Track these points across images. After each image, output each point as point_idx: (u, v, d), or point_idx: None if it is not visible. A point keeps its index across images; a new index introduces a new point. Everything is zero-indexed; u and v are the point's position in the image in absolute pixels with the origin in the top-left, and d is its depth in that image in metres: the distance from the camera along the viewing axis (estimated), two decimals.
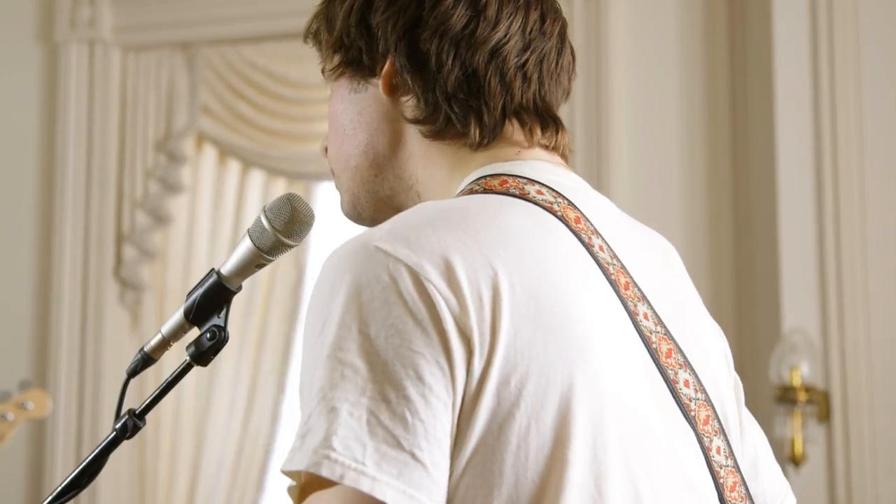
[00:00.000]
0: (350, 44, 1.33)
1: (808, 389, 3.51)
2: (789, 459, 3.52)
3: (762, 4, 3.83)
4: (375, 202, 1.37)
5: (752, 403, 4.08)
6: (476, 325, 1.08)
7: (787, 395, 3.51)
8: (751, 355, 3.82)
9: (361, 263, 1.10)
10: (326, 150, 1.43)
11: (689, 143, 3.97)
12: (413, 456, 1.04)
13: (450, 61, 1.28)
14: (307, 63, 2.59)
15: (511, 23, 1.29)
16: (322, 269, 1.14)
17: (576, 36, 4.01)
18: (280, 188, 4.38)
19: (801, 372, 3.51)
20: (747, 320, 3.85)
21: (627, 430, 1.14)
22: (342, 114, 1.36)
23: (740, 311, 3.86)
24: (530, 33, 1.31)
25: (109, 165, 4.47)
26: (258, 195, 4.43)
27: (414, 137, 1.32)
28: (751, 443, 1.33)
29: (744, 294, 3.87)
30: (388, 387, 1.05)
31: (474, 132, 1.29)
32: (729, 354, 1.38)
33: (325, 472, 1.02)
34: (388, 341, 1.06)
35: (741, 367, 4.12)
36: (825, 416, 3.56)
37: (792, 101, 3.69)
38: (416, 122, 1.31)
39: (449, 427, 1.07)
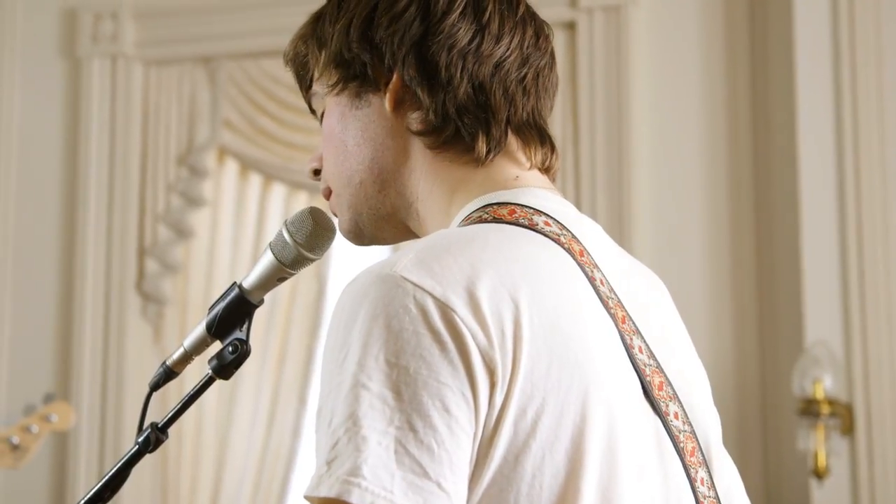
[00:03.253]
0: (352, 59, 1.33)
1: (831, 402, 3.50)
2: (813, 473, 3.51)
3: (783, 14, 3.83)
4: (377, 220, 1.37)
5: (775, 416, 4.08)
6: (500, 357, 1.09)
7: (810, 408, 3.49)
8: (773, 368, 3.81)
9: (387, 293, 1.10)
10: (316, 172, 1.43)
11: (710, 155, 3.96)
12: (439, 485, 1.05)
13: (458, 74, 1.29)
14: None
15: (512, 38, 1.32)
16: (342, 297, 1.14)
17: (597, 47, 4.01)
18: (301, 202, 4.39)
19: (824, 385, 3.50)
20: (770, 333, 3.84)
21: (630, 460, 1.16)
22: (343, 131, 1.36)
23: (763, 324, 3.85)
24: (527, 48, 1.33)
25: (132, 179, 4.49)
26: (280, 209, 4.44)
27: (418, 152, 1.33)
28: (726, 482, 1.33)
29: (766, 307, 3.85)
30: (415, 416, 1.06)
31: (481, 145, 1.30)
32: (709, 388, 1.39)
33: (355, 499, 1.03)
34: (416, 372, 1.07)
35: (763, 381, 4.12)
36: (848, 428, 3.55)
37: (814, 112, 3.69)
38: (422, 133, 1.31)
39: (469, 457, 1.09)
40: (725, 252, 3.91)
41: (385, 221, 1.37)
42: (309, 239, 1.37)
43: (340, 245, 1.43)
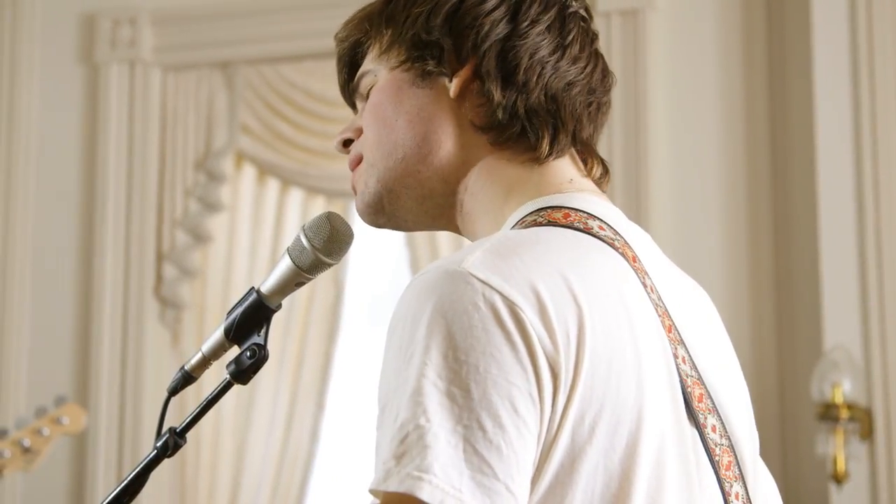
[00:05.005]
0: (430, 42, 1.33)
1: (850, 406, 3.49)
2: (832, 477, 3.50)
3: (801, 17, 3.82)
4: (405, 199, 1.36)
5: (794, 421, 4.07)
6: (563, 362, 1.09)
7: (829, 413, 3.48)
8: (792, 373, 3.80)
9: (455, 289, 1.10)
10: (345, 142, 1.42)
11: (728, 159, 3.95)
12: (507, 487, 1.05)
13: (534, 79, 1.30)
14: None
15: (586, 65, 1.34)
16: (407, 292, 1.13)
17: (614, 51, 4.00)
18: (319, 206, 4.40)
19: (843, 389, 3.49)
20: (788, 337, 3.83)
21: (676, 470, 1.17)
22: (396, 104, 1.35)
23: (781, 329, 3.84)
24: (595, 81, 1.36)
25: (150, 184, 4.50)
26: (297, 213, 4.45)
27: (476, 145, 1.33)
28: (763, 493, 1.33)
29: (785, 311, 3.84)
30: (484, 416, 1.05)
31: (544, 146, 1.31)
32: (751, 406, 1.39)
33: (425, 496, 1.02)
34: (486, 370, 1.06)
35: (782, 385, 4.10)
36: (868, 433, 3.53)
37: (832, 114, 3.68)
38: (486, 128, 1.32)
39: (533, 459, 1.08)
40: (744, 255, 3.90)
41: (415, 202, 1.36)
42: (326, 244, 1.37)
43: (358, 250, 1.43)
